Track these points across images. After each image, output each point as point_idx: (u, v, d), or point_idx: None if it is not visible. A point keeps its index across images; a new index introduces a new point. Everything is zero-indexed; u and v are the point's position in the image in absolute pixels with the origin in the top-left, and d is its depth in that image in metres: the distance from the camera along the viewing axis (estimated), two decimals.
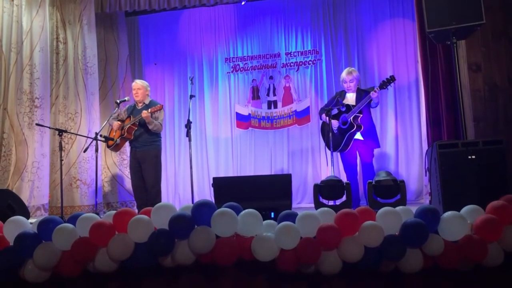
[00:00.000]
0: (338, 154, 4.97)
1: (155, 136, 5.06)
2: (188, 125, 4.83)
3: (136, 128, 4.98)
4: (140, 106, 5.11)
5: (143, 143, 5.00)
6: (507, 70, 4.20)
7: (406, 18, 6.05)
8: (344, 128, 4.66)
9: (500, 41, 4.22)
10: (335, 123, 4.69)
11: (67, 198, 5.55)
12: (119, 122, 5.10)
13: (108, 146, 5.17)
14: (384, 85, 4.60)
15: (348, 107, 4.67)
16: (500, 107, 4.17)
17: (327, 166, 5.09)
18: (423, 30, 4.00)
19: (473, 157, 3.06)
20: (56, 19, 5.93)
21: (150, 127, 4.92)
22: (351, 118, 4.61)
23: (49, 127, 5.34)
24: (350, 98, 4.79)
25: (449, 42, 3.56)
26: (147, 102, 5.12)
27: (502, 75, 4.20)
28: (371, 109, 4.84)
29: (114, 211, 2.76)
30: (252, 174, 6.31)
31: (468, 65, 4.25)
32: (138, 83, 5.15)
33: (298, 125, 6.41)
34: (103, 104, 6.21)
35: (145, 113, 4.81)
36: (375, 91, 4.55)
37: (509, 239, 2.48)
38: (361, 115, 4.64)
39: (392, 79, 4.61)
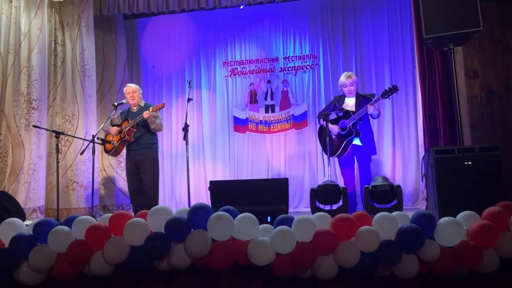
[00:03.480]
0: (335, 158, 4.97)
1: (154, 138, 5.06)
2: (185, 128, 4.81)
3: (136, 130, 4.96)
4: (135, 109, 5.08)
5: (142, 145, 4.97)
6: (504, 77, 4.23)
7: (404, 24, 6.08)
8: (343, 134, 4.66)
9: (497, 48, 4.25)
10: (334, 129, 4.69)
11: (63, 200, 5.53)
12: (116, 127, 5.05)
13: (107, 151, 5.09)
14: (386, 94, 4.59)
15: (347, 113, 4.67)
16: (496, 113, 4.20)
17: (324, 170, 5.09)
18: (420, 36, 4.02)
19: (470, 163, 3.07)
20: (54, 21, 5.93)
21: (152, 126, 4.90)
22: (350, 124, 4.62)
23: (46, 129, 5.30)
24: (350, 103, 4.78)
25: (446, 49, 3.58)
26: (142, 104, 5.11)
27: (499, 81, 4.23)
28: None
29: (110, 214, 2.75)
30: (249, 178, 6.31)
31: (465, 72, 4.28)
32: (132, 86, 5.12)
33: (296, 130, 6.42)
34: (100, 106, 6.19)
35: (147, 113, 4.78)
36: (371, 105, 4.52)
37: (505, 245, 2.49)
38: (360, 122, 4.64)
39: (394, 89, 4.59)
